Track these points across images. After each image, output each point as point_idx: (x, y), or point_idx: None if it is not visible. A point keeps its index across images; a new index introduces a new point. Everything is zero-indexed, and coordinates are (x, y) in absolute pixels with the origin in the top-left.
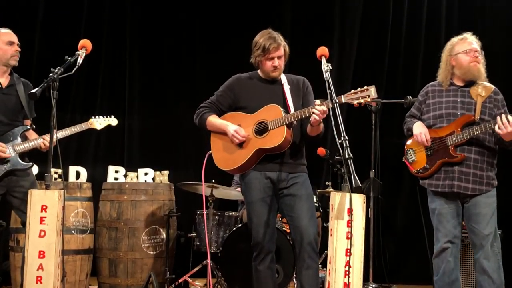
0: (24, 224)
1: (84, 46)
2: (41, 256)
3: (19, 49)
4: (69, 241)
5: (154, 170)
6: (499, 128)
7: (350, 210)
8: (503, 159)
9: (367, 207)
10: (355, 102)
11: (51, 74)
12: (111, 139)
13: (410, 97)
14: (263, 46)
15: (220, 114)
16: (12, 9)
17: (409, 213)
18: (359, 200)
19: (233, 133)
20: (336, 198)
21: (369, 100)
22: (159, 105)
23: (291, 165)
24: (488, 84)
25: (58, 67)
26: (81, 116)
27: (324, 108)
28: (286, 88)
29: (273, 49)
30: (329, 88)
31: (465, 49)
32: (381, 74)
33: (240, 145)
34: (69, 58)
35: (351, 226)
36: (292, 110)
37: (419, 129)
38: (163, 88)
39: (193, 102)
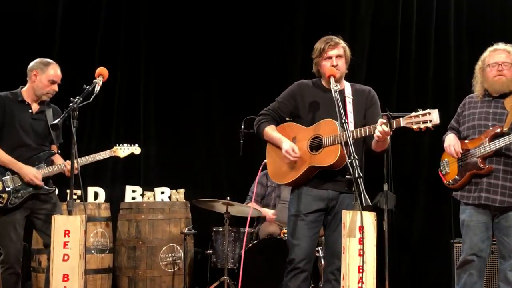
0: (46, 245)
1: (101, 74)
2: (65, 279)
3: (57, 90)
4: (89, 260)
5: (170, 189)
6: None
7: (361, 228)
8: None
9: (382, 220)
10: (415, 126)
11: (71, 104)
12: (128, 159)
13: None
14: (320, 48)
15: (280, 121)
16: (30, 40)
17: (425, 225)
18: (370, 218)
19: (286, 150)
20: (348, 216)
21: (430, 125)
22: (174, 125)
23: (344, 183)
24: None
25: (77, 97)
26: (97, 141)
27: (386, 129)
28: (348, 100)
29: (329, 47)
30: (338, 108)
31: (490, 62)
32: (392, 87)
33: None
34: (87, 87)
35: (363, 244)
36: (350, 125)
37: (449, 141)
38: (178, 108)
39: (208, 120)
